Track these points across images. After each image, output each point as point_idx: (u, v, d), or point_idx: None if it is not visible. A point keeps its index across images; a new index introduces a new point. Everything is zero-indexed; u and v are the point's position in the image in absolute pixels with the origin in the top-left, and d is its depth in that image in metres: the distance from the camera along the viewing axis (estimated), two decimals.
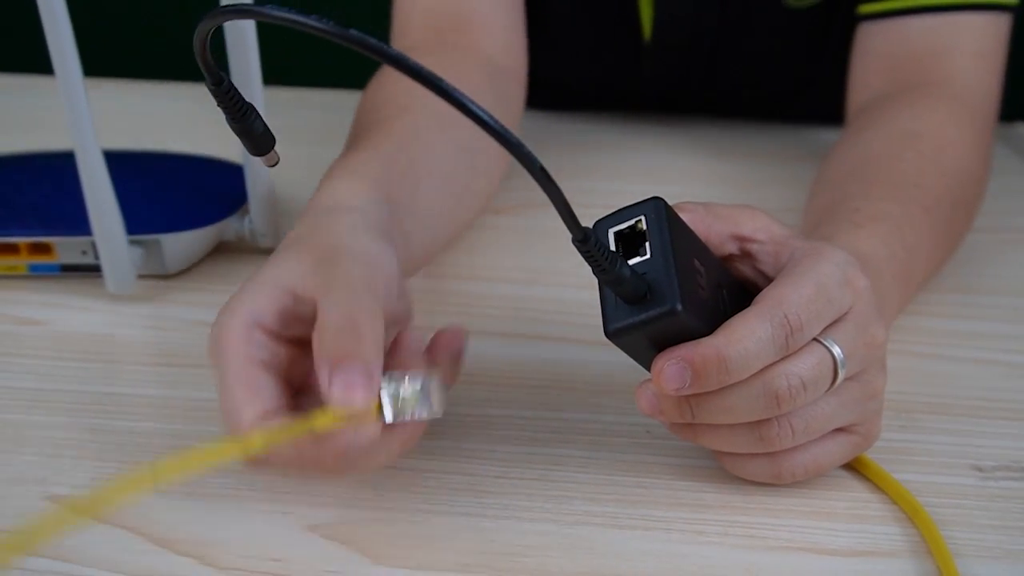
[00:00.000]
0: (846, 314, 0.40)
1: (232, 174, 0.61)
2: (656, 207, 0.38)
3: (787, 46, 0.75)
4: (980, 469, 0.45)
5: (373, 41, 0.30)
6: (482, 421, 0.46)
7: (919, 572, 0.39)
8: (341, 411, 0.34)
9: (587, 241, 0.35)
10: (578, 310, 0.55)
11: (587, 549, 0.40)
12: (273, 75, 0.65)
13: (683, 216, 0.40)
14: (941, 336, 0.54)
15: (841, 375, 0.39)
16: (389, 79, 0.60)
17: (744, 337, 0.37)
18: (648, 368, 0.39)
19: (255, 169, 0.57)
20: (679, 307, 0.36)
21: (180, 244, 0.57)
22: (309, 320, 0.37)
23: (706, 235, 0.41)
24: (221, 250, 0.60)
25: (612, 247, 0.38)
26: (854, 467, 0.44)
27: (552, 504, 0.42)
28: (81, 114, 0.49)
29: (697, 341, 0.37)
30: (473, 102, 0.31)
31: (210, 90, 0.35)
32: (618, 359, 0.44)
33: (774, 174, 0.72)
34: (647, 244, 0.37)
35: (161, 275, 0.57)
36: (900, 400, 0.49)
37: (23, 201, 0.58)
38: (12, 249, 0.56)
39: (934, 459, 0.45)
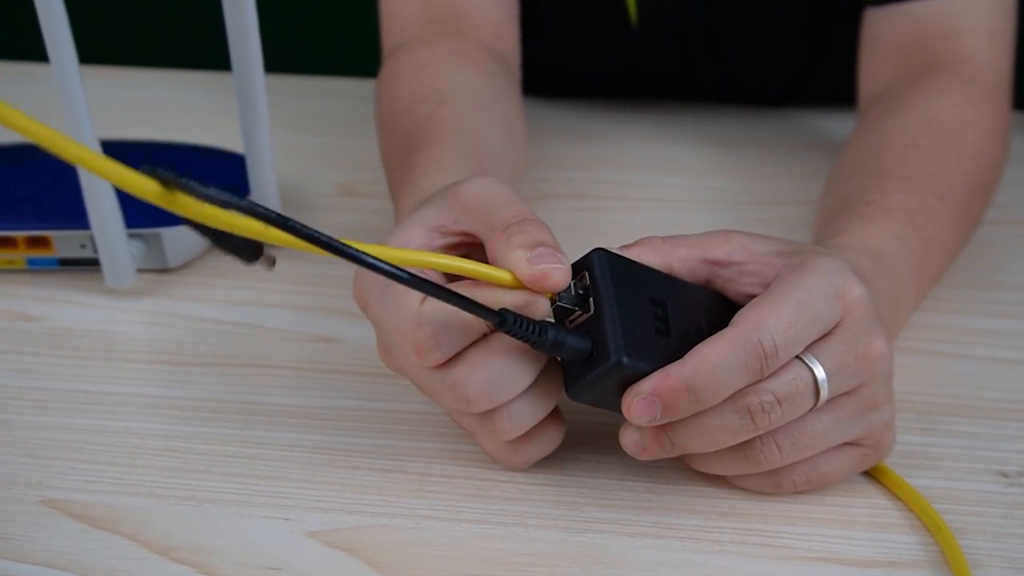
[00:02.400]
0: (834, 328, 0.38)
1: (234, 164, 0.59)
2: (599, 259, 0.37)
3: (785, 30, 0.73)
4: (1005, 475, 0.43)
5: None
6: None
7: None
8: (525, 276, 0.36)
9: (505, 322, 0.35)
10: None
11: (597, 558, 0.39)
12: (275, 63, 0.64)
13: (638, 249, 0.40)
14: (961, 334, 0.53)
15: (824, 392, 0.37)
16: (406, 76, 0.60)
17: (715, 366, 0.36)
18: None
19: (257, 160, 0.56)
20: (624, 359, 0.36)
21: (181, 238, 0.56)
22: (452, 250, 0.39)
23: (668, 265, 0.40)
24: None
25: (577, 301, 0.37)
26: (871, 474, 0.43)
27: (561, 511, 0.41)
28: (77, 103, 0.48)
29: (665, 371, 0.36)
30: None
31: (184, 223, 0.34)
32: None
33: (783, 165, 0.70)
34: (590, 300, 0.37)
35: (162, 269, 0.56)
36: (920, 401, 0.47)
37: (21, 194, 0.56)
38: (10, 243, 0.55)
39: (956, 464, 0.44)
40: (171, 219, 0.54)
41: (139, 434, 0.45)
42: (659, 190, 0.67)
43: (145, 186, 0.30)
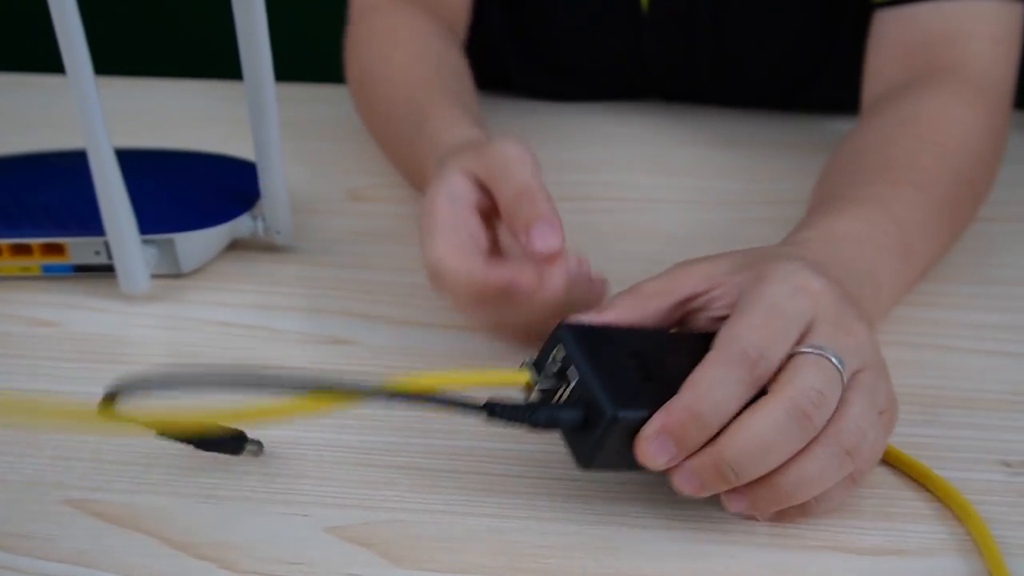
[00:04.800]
0: (813, 319, 0.39)
1: (244, 171, 0.60)
2: (565, 332, 0.39)
3: (795, 25, 0.74)
4: (1008, 464, 0.44)
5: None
6: None
7: (949, 570, 0.39)
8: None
9: (493, 413, 0.37)
10: None
11: (611, 549, 0.40)
12: (284, 71, 0.65)
13: (611, 313, 0.41)
14: (964, 329, 0.54)
15: (844, 369, 0.38)
16: (399, 43, 0.67)
17: (709, 386, 0.37)
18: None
19: (268, 166, 0.57)
20: (619, 413, 0.37)
21: (194, 243, 0.56)
22: (486, 197, 0.48)
23: (642, 320, 0.41)
24: (235, 248, 0.60)
25: (557, 380, 0.39)
26: (901, 469, 0.44)
27: (574, 504, 0.42)
28: (92, 112, 0.49)
29: (666, 407, 0.37)
30: None
31: None
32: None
33: (786, 165, 0.71)
34: (570, 369, 0.38)
35: (175, 275, 0.57)
36: (924, 394, 0.48)
37: (36, 201, 0.57)
38: (25, 250, 0.56)
39: (960, 454, 0.45)
40: (184, 225, 0.56)
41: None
42: (664, 192, 0.68)
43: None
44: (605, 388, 0.37)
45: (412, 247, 0.60)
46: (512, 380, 0.39)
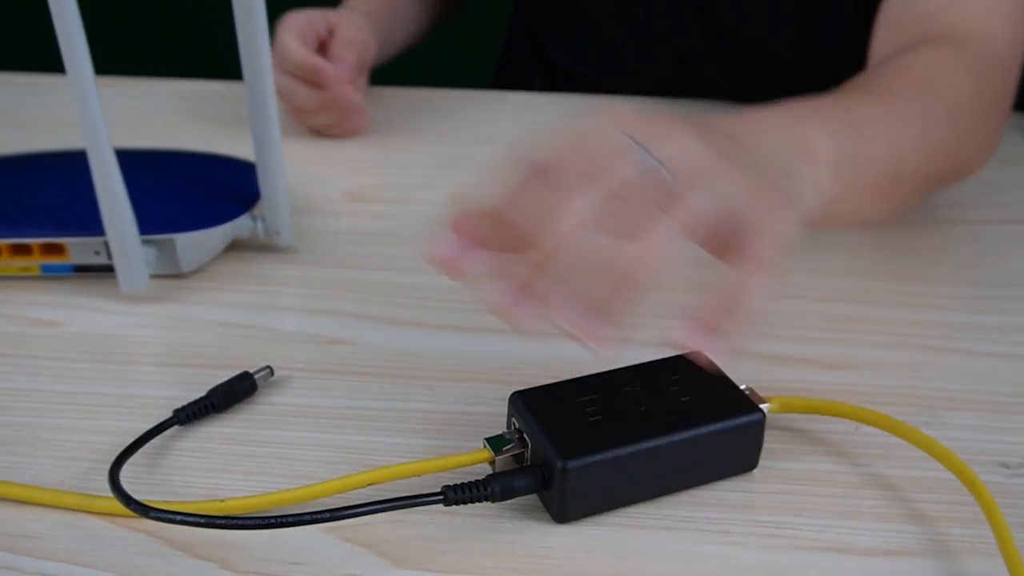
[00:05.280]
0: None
1: (244, 172, 0.60)
2: (513, 401, 0.42)
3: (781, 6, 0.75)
4: (1007, 466, 0.44)
5: None
6: (500, 420, 0.46)
7: (946, 571, 0.39)
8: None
9: (448, 498, 0.39)
10: None
11: (611, 550, 0.40)
12: None
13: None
14: (963, 330, 0.54)
15: (669, 170, 0.37)
16: None
17: (517, 204, 0.36)
18: (633, 499, 0.41)
19: (268, 167, 0.57)
20: (569, 464, 0.39)
21: (194, 243, 0.56)
22: (327, 35, 0.76)
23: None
24: (235, 249, 0.60)
25: (521, 445, 0.41)
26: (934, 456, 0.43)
27: None
28: (93, 113, 0.49)
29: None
30: None
31: None
32: (636, 355, 0.44)
33: None
34: (525, 433, 0.41)
35: (175, 275, 0.57)
36: (922, 396, 0.48)
37: (35, 201, 0.57)
38: (25, 250, 0.56)
39: (959, 456, 0.45)
40: (184, 225, 0.56)
41: (157, 435, 0.45)
42: None
43: None
44: (554, 443, 0.39)
45: (412, 248, 0.61)
46: (474, 460, 0.41)
